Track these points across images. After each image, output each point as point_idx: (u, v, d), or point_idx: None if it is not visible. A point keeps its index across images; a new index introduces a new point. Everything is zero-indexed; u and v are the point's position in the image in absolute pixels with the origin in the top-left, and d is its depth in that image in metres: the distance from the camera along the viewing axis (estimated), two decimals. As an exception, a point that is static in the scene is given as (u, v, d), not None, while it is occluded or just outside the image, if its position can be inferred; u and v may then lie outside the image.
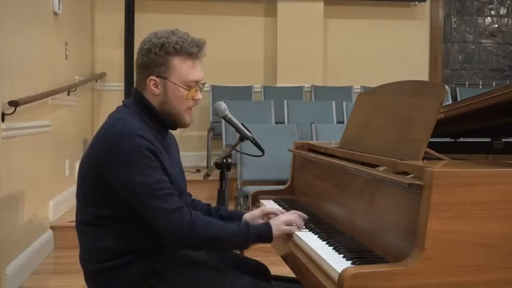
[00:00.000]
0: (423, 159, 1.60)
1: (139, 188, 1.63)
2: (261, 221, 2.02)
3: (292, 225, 1.84)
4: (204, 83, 1.84)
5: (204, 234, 1.68)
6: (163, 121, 1.81)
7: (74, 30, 5.11)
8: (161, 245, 1.77)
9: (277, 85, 6.25)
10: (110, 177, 1.66)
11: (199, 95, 1.81)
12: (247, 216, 2.03)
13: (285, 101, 5.65)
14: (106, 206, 1.71)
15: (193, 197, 2.06)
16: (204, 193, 4.65)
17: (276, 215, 2.10)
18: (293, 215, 1.88)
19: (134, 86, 1.85)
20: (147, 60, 1.75)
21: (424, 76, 6.58)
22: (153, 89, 1.76)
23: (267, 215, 2.11)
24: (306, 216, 1.92)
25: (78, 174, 1.78)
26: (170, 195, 1.66)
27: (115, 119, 1.74)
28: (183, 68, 1.75)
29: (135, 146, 1.64)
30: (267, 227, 1.78)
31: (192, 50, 1.75)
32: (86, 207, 1.75)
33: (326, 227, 1.88)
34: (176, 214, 1.65)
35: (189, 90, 1.77)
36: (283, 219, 1.83)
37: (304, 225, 1.93)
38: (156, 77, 1.75)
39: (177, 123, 1.83)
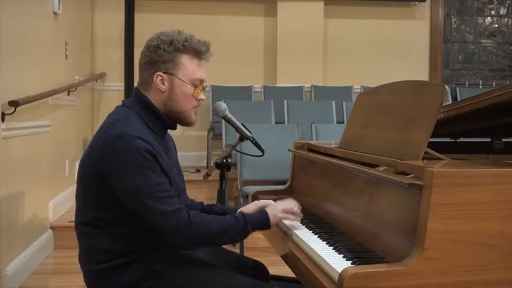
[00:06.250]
0: (423, 159, 1.60)
1: (139, 190, 1.63)
2: None
3: (289, 213, 1.85)
4: (206, 85, 1.86)
5: (202, 232, 1.69)
6: (164, 121, 1.81)
7: (74, 30, 5.11)
8: (160, 246, 1.77)
9: (277, 85, 6.24)
10: (109, 178, 1.65)
11: (202, 96, 1.83)
12: (243, 210, 2.04)
13: (285, 101, 5.65)
14: (105, 207, 1.70)
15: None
16: (204, 193, 4.65)
17: None
18: (289, 203, 1.89)
19: (135, 85, 1.85)
20: (155, 56, 1.76)
21: (424, 76, 6.58)
22: (159, 85, 1.77)
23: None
24: (300, 207, 1.92)
25: (78, 176, 1.78)
26: (169, 197, 1.66)
27: (114, 119, 1.73)
28: (190, 66, 1.78)
29: (134, 148, 1.63)
30: (264, 214, 1.80)
31: (200, 48, 1.79)
32: (85, 208, 1.75)
33: (326, 227, 1.88)
34: (175, 216, 1.65)
35: (194, 89, 1.79)
36: (279, 207, 1.85)
37: (304, 225, 1.94)
38: (163, 73, 1.76)
39: (182, 122, 1.84)
